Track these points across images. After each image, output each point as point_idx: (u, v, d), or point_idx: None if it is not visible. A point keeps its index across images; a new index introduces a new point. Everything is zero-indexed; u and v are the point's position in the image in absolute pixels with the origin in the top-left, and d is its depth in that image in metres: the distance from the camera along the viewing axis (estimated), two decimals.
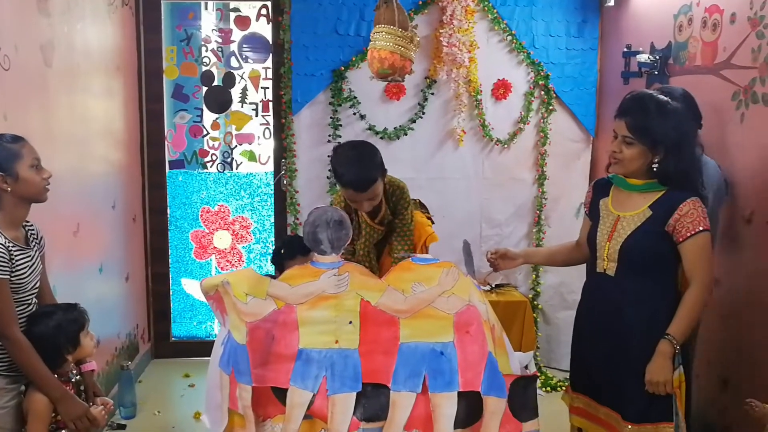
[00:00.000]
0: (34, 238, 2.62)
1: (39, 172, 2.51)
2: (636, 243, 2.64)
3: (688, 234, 2.56)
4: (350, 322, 2.50)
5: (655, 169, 2.61)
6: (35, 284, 2.58)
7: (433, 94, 4.77)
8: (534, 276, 4.99)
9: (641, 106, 2.60)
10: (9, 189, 2.43)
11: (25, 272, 2.49)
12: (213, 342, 2.73)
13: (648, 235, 2.61)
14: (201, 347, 4.85)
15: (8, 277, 2.40)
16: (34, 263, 2.55)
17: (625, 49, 4.31)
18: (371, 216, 3.11)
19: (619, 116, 2.63)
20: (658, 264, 2.63)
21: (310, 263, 2.62)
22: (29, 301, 2.57)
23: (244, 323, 2.53)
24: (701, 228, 2.56)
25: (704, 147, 3.20)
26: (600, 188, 2.86)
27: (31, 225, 2.63)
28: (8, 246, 2.41)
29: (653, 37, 4.11)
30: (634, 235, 2.64)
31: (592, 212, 2.85)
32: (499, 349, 2.63)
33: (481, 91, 4.75)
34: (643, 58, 4.06)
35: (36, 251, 2.60)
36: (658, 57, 3.99)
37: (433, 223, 3.51)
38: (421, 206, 3.64)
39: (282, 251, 3.40)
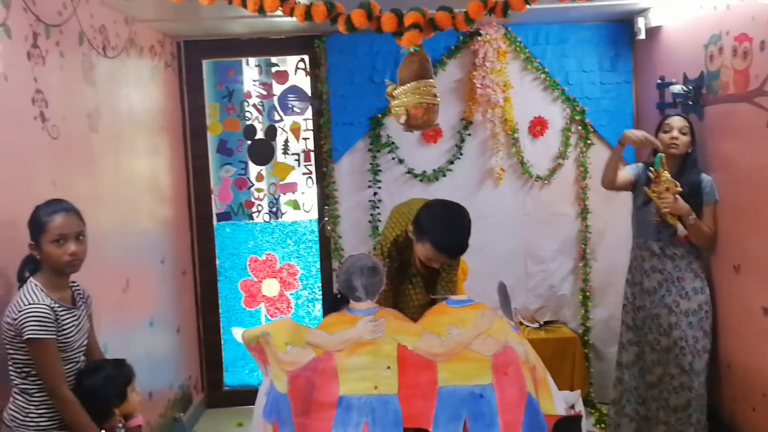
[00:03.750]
0: (80, 298, 2.71)
1: (60, 248, 2.52)
2: None
3: None
4: (388, 368, 2.54)
5: None
6: (82, 342, 2.67)
7: (470, 134, 4.83)
8: (583, 311, 4.94)
9: None
10: (38, 257, 2.54)
11: (72, 332, 2.58)
12: None
13: None
14: (254, 395, 4.78)
15: (55, 337, 2.49)
16: (80, 322, 2.65)
17: (659, 81, 4.31)
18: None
19: None
20: None
21: (346, 310, 2.68)
22: (77, 359, 2.65)
23: (284, 372, 2.59)
24: None
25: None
26: None
27: (77, 285, 2.73)
28: (54, 307, 2.50)
29: (686, 68, 4.10)
30: None
31: None
32: (542, 390, 2.63)
33: (518, 129, 4.80)
34: (677, 89, 4.06)
35: (83, 310, 2.69)
36: (691, 87, 3.98)
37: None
38: None
39: (339, 296, 3.44)
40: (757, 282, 3.44)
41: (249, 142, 5.09)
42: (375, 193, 4.87)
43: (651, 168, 3.75)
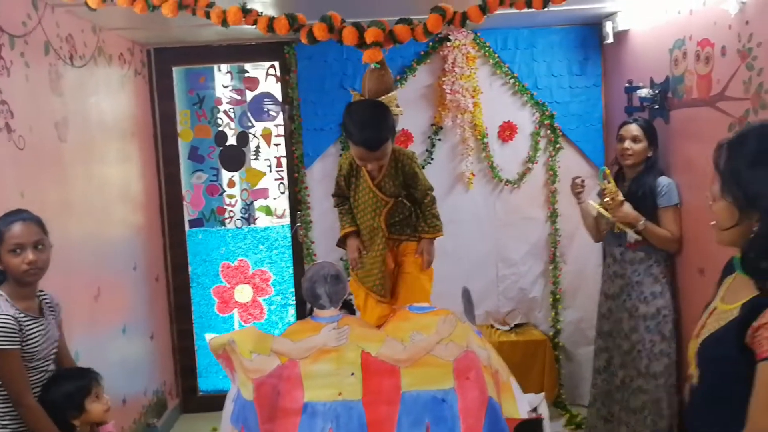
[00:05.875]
0: (48, 307, 2.72)
1: (18, 257, 2.53)
2: (709, 348, 1.81)
3: (763, 355, 1.61)
4: (352, 374, 2.58)
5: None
6: (50, 351, 2.67)
7: (440, 140, 4.87)
8: (553, 314, 4.99)
9: (738, 144, 1.79)
10: (1, 268, 2.55)
11: (38, 342, 2.58)
12: None
13: (722, 343, 1.75)
14: None
15: (19, 347, 2.49)
16: (47, 332, 2.65)
17: (627, 85, 4.37)
18: (372, 177, 3.21)
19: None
20: (737, 389, 1.67)
21: (310, 318, 2.71)
22: (45, 369, 2.65)
23: (250, 380, 2.62)
24: None
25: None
26: (731, 263, 1.95)
27: (45, 294, 2.74)
28: (18, 317, 2.51)
29: (652, 72, 4.16)
30: (712, 337, 1.80)
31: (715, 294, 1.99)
32: (505, 394, 2.68)
33: (487, 134, 4.83)
34: (644, 93, 4.10)
35: (50, 320, 2.69)
36: (657, 91, 4.03)
37: None
38: None
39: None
40: None
41: (220, 148, 5.11)
42: None
43: (598, 182, 3.89)
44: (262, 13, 2.71)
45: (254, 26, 2.73)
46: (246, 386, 2.62)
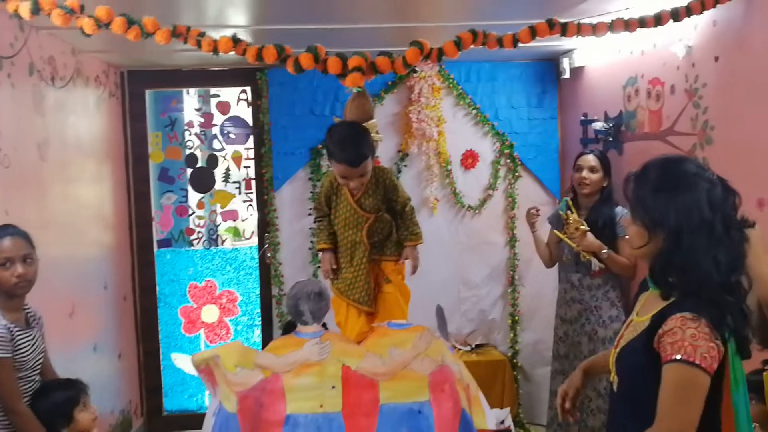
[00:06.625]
0: (33, 319, 2.81)
1: (7, 270, 2.62)
2: (625, 356, 2.04)
3: (667, 358, 1.85)
4: (333, 387, 2.71)
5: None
6: (38, 361, 2.76)
7: (406, 166, 5.05)
8: (512, 335, 5.18)
9: (642, 175, 2.02)
10: None
11: (27, 351, 2.67)
12: (205, 414, 2.91)
13: (635, 351, 1.98)
14: (193, 420, 4.94)
15: (11, 356, 2.58)
16: (35, 342, 2.74)
17: (582, 118, 4.61)
18: (352, 195, 3.33)
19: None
20: (651, 392, 1.88)
21: (293, 334, 2.84)
22: (33, 379, 2.74)
23: (234, 393, 2.72)
24: (679, 357, 1.82)
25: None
26: (646, 282, 2.15)
27: (29, 307, 2.82)
28: (9, 327, 2.60)
29: (607, 106, 4.41)
30: (627, 346, 2.03)
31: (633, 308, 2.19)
32: (475, 407, 2.84)
33: (451, 161, 5.04)
34: (598, 126, 4.35)
35: (37, 331, 2.78)
36: (611, 125, 4.28)
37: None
38: None
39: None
40: None
41: (190, 170, 5.20)
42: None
43: (560, 212, 4.06)
44: (251, 43, 2.85)
45: (243, 55, 2.85)
46: (230, 399, 2.72)
